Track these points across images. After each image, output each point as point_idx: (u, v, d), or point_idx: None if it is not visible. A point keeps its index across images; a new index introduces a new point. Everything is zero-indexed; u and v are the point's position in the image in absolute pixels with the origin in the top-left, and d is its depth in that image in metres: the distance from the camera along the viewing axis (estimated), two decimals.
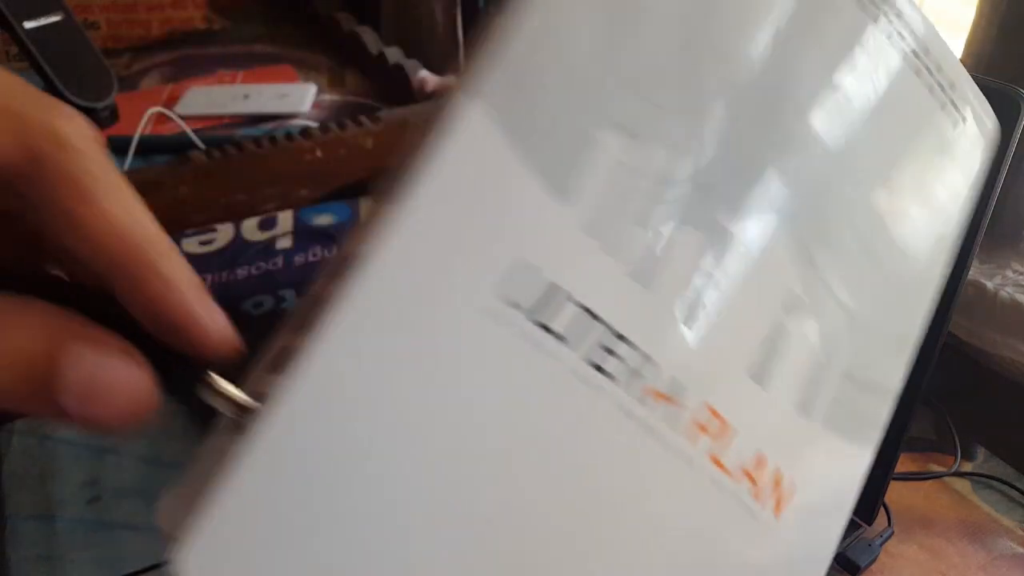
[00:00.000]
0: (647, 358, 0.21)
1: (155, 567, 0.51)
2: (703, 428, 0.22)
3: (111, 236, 0.16)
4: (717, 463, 0.23)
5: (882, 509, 0.52)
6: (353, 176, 0.85)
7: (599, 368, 0.20)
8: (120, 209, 0.16)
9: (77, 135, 0.16)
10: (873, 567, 0.50)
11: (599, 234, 0.20)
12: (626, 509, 0.21)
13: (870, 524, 0.50)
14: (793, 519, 0.24)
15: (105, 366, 0.16)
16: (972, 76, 0.36)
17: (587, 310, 0.20)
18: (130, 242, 0.16)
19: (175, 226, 0.81)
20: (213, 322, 0.17)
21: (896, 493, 0.54)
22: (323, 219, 0.83)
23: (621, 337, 0.21)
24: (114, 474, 0.58)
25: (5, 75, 0.16)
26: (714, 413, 0.23)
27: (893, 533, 0.52)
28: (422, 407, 0.18)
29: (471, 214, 0.19)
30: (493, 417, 0.19)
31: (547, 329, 0.19)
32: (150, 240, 0.16)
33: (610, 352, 0.20)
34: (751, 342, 0.24)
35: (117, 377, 0.16)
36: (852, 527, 0.50)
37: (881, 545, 0.51)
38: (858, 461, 0.27)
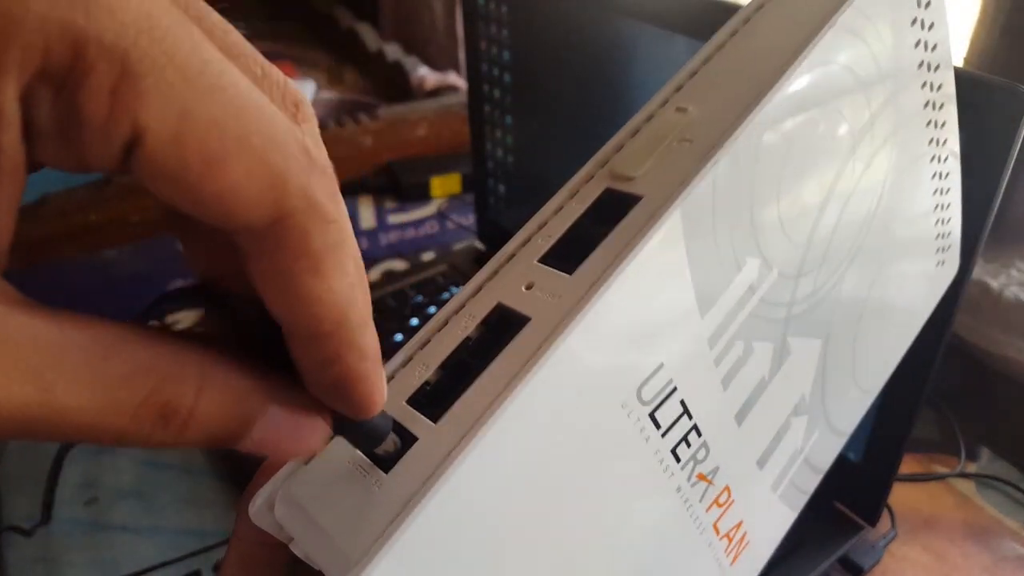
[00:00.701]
0: (707, 448, 0.24)
1: (152, 569, 0.51)
2: (719, 503, 0.26)
3: (326, 312, 0.15)
4: (715, 529, 0.27)
5: (885, 511, 0.52)
6: (352, 174, 0.85)
7: (675, 454, 0.23)
8: (344, 284, 0.15)
9: (331, 197, 0.14)
10: (876, 569, 0.50)
11: (715, 344, 0.23)
12: (647, 558, 0.24)
13: (873, 526, 0.50)
14: (740, 565, 0.29)
15: (290, 428, 0.16)
16: (976, 74, 0.35)
17: (685, 408, 0.23)
18: (341, 319, 0.15)
19: None
20: (380, 394, 0.17)
21: (899, 494, 0.54)
22: None
23: (697, 430, 0.24)
24: (111, 476, 0.57)
25: (261, 113, 0.14)
26: (728, 491, 0.26)
27: (896, 535, 0.51)
28: (558, 478, 0.20)
29: (646, 318, 0.21)
30: (595, 488, 0.21)
31: (655, 422, 0.22)
32: (358, 314, 0.15)
33: (687, 442, 0.23)
34: (768, 436, 0.28)
35: (298, 436, 0.16)
36: (855, 528, 0.50)
37: (884, 547, 0.50)
38: (788, 522, 0.32)
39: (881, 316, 0.32)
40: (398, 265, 0.81)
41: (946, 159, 0.30)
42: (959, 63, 0.30)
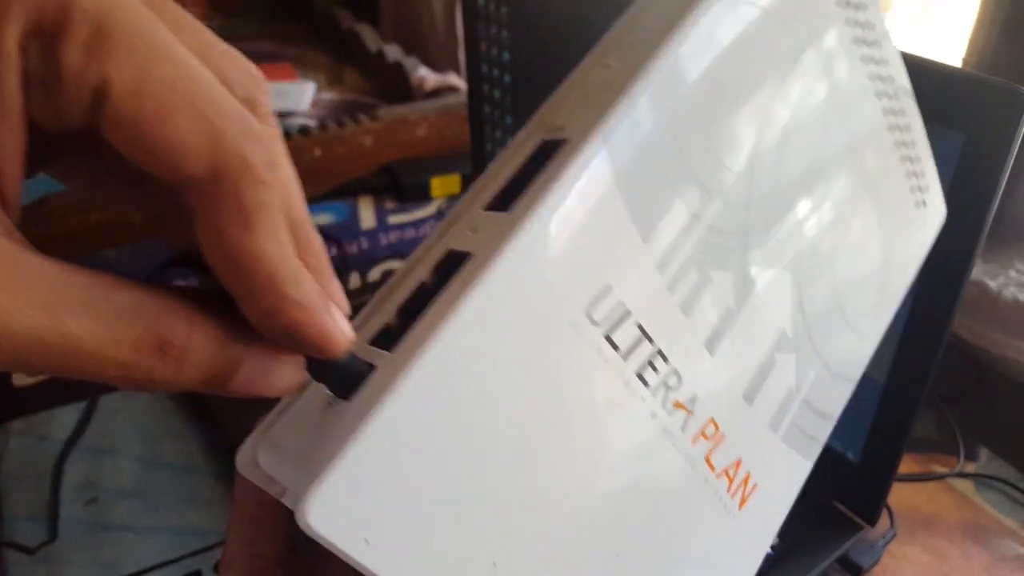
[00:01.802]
0: (677, 374, 0.25)
1: (152, 569, 0.51)
2: (705, 436, 0.27)
3: (255, 266, 0.16)
4: (709, 464, 0.28)
5: (885, 510, 0.52)
6: (352, 175, 0.85)
7: (642, 379, 0.24)
8: (273, 243, 0.17)
9: (264, 163, 0.16)
10: (875, 568, 0.50)
11: (665, 270, 0.24)
12: (638, 492, 0.26)
13: (872, 525, 0.50)
14: (750, 512, 0.30)
15: (273, 367, 0.18)
16: (976, 74, 0.35)
17: (644, 332, 0.24)
18: (271, 274, 0.17)
19: None
20: (335, 335, 0.18)
21: (899, 494, 0.54)
22: (322, 218, 0.83)
23: (663, 355, 0.25)
24: (111, 475, 0.58)
25: (207, 82, 0.16)
26: (714, 424, 0.27)
27: (895, 534, 0.51)
28: (514, 395, 0.21)
29: (582, 241, 0.22)
30: (559, 407, 0.23)
31: (613, 344, 0.23)
32: (289, 270, 0.17)
33: (652, 367, 0.25)
34: (750, 369, 0.29)
35: (281, 374, 0.19)
36: (855, 528, 0.50)
37: (884, 546, 0.51)
38: (802, 470, 0.33)
39: (860, 257, 0.32)
40: (398, 265, 0.81)
41: (889, 77, 0.31)
42: (959, 63, 0.30)
